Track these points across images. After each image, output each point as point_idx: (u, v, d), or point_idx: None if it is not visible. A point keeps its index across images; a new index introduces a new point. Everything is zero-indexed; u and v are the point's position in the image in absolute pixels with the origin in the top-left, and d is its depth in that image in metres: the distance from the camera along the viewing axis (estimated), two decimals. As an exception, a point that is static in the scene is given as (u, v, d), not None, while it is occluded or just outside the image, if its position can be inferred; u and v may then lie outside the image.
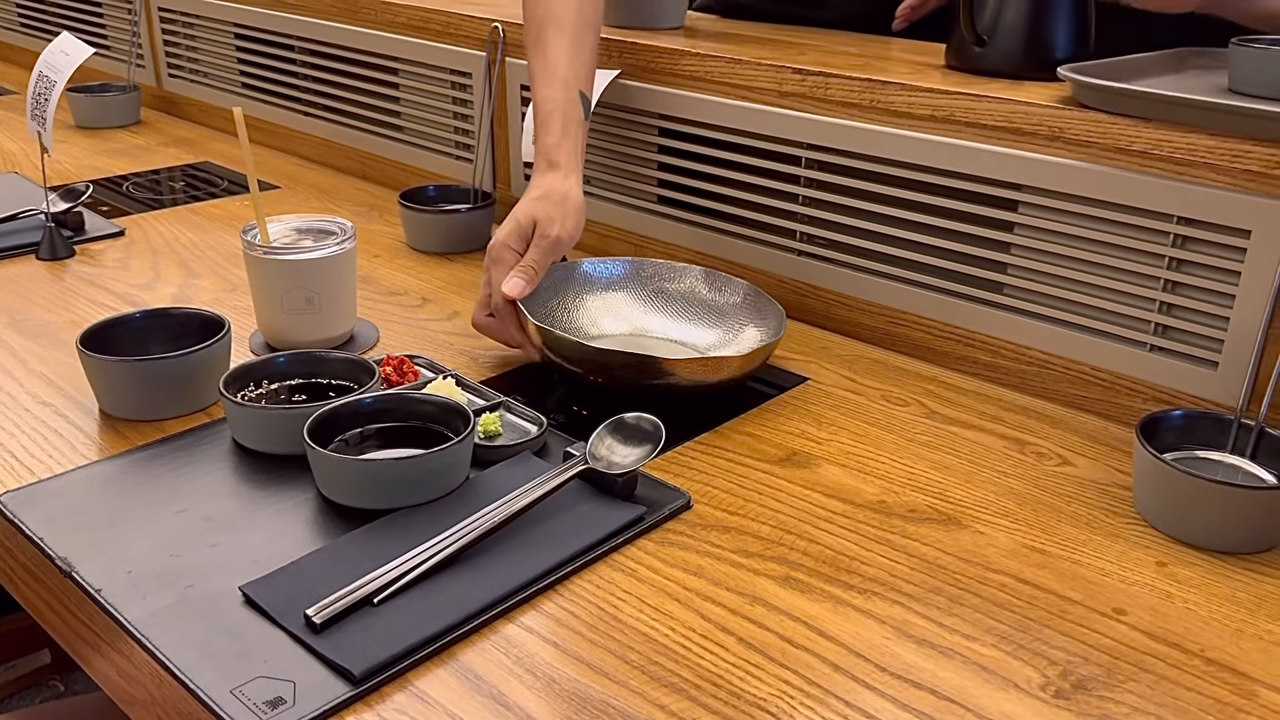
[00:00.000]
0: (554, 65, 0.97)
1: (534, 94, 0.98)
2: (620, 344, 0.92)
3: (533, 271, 0.88)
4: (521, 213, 0.90)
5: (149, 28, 1.76)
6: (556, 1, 0.99)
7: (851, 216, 0.98)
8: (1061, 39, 0.94)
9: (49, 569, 0.65)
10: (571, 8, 0.98)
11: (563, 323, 0.94)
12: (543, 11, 0.99)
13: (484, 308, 0.90)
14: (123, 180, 1.41)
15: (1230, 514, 0.69)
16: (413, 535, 0.65)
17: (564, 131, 0.95)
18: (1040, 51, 0.94)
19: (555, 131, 0.95)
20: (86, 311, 0.99)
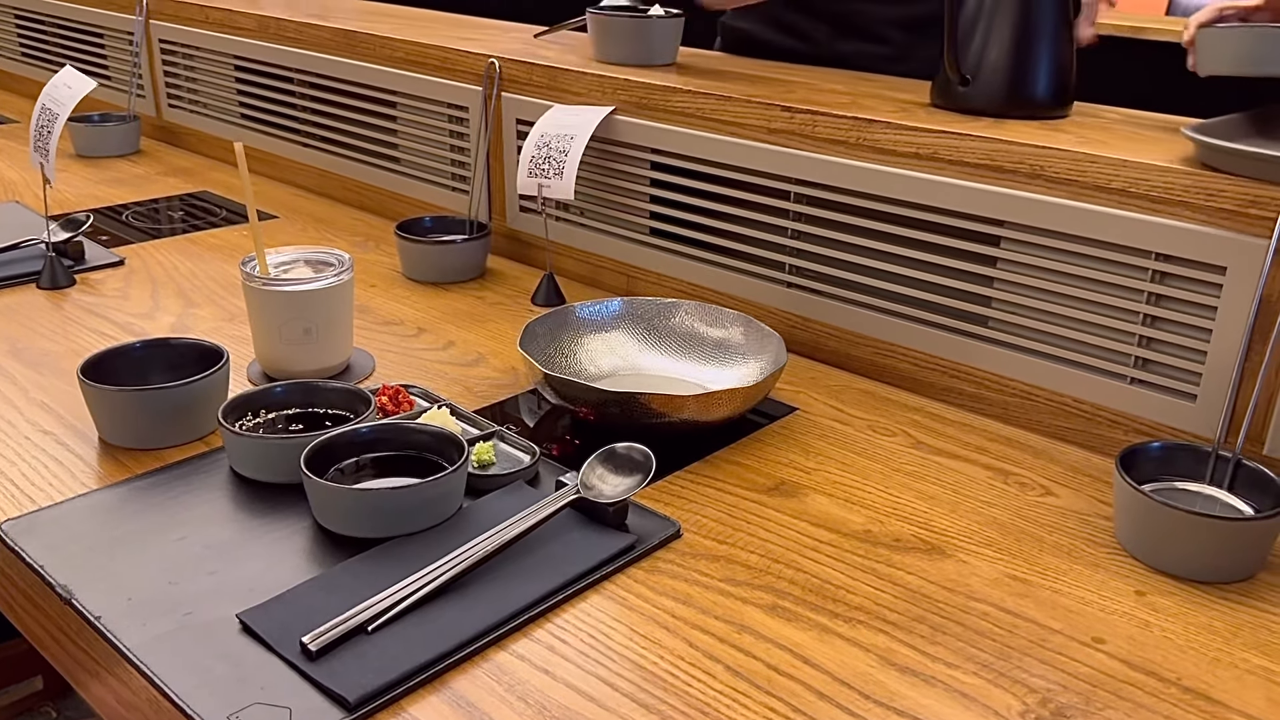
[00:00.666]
0: None
1: None
2: (623, 384, 0.92)
3: None
4: None
5: (150, 59, 1.79)
6: None
7: (840, 250, 1.00)
8: (1043, 79, 0.97)
9: (49, 596, 0.66)
10: None
11: (562, 366, 0.94)
12: None
13: None
14: (122, 209, 1.43)
15: (1207, 544, 0.70)
16: (407, 563, 0.66)
17: None
18: (1022, 91, 0.96)
19: None
20: (86, 340, 1.01)
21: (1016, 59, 0.96)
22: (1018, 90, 0.96)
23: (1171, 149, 0.85)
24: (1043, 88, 0.96)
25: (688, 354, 0.98)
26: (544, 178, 1.10)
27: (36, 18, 2.04)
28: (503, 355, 1.02)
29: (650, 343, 0.99)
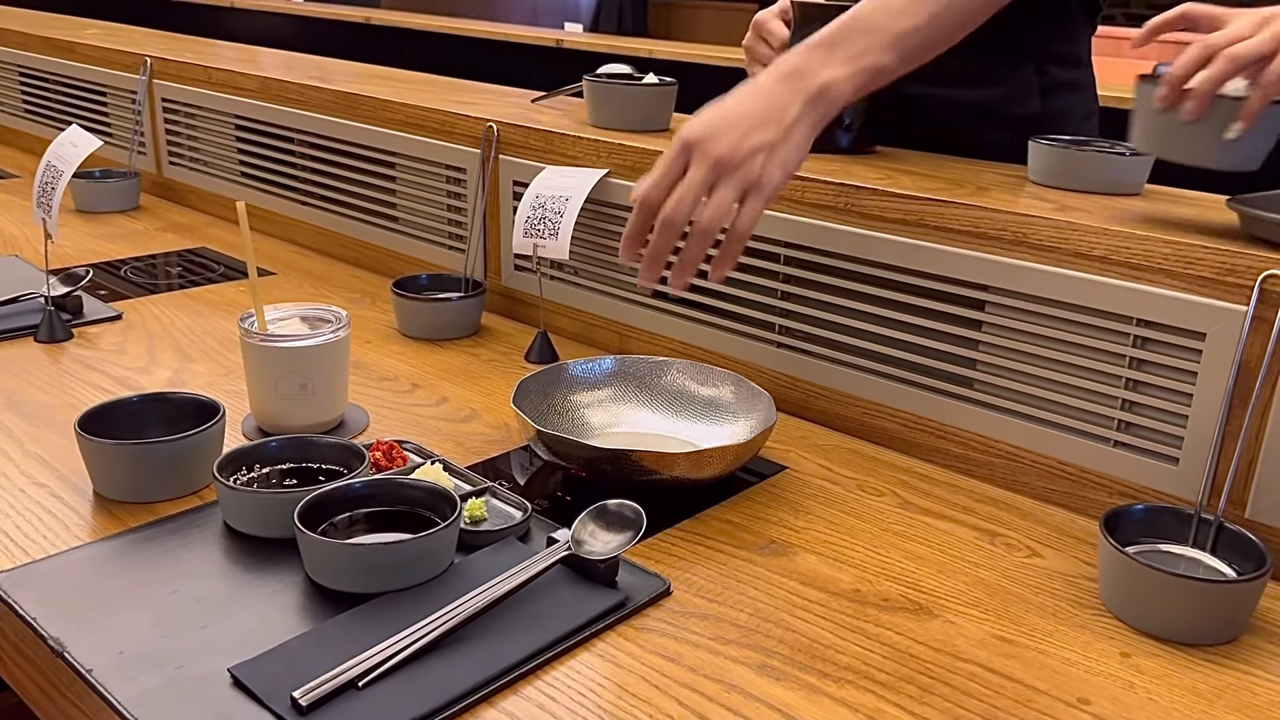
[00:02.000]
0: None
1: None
2: (615, 441, 0.93)
3: None
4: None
5: (152, 117, 1.82)
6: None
7: (829, 312, 1.02)
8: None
9: (40, 649, 0.66)
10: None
11: (554, 423, 0.95)
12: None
13: None
14: (121, 264, 1.45)
15: (1191, 606, 0.71)
16: (398, 619, 0.66)
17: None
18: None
19: None
20: (82, 394, 1.02)
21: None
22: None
23: (1153, 221, 0.88)
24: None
25: (679, 412, 0.99)
26: (539, 238, 1.12)
27: (41, 75, 2.07)
28: (496, 411, 1.03)
29: (642, 401, 1.00)
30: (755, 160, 0.78)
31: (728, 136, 0.78)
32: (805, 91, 0.80)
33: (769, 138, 0.78)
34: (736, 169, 0.78)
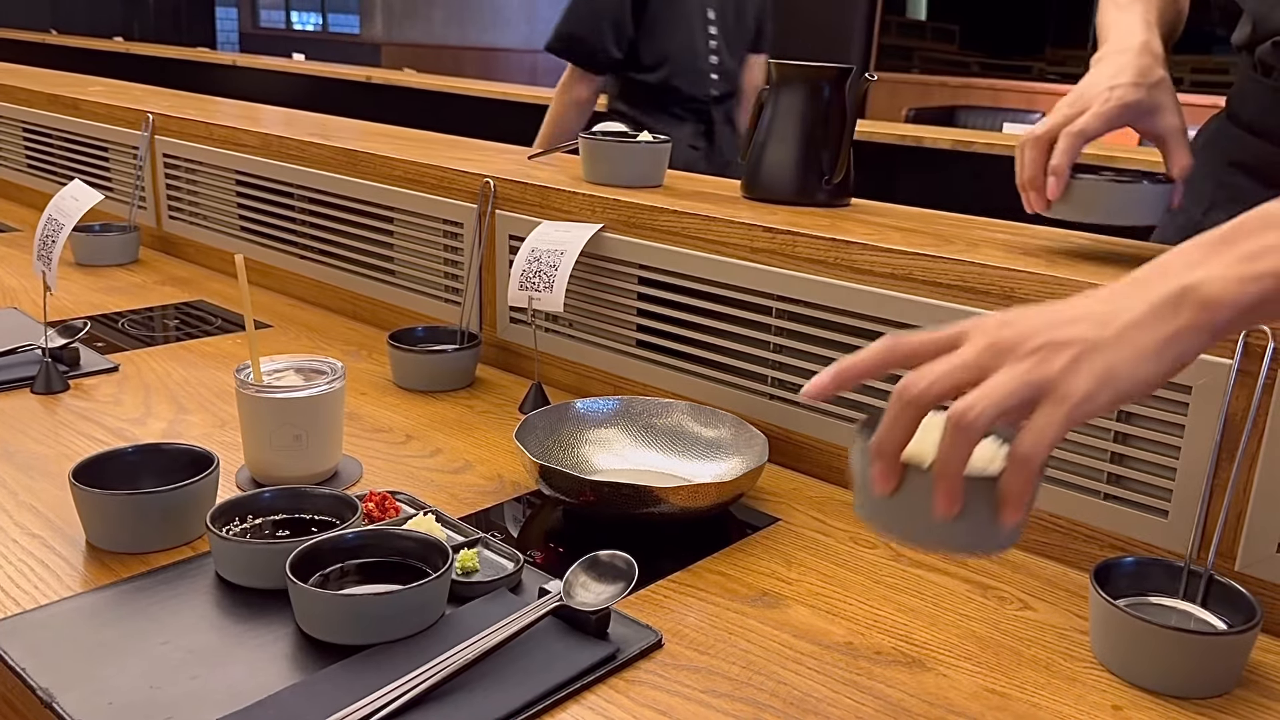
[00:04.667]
0: None
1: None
2: (615, 478, 0.95)
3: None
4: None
5: (153, 172, 1.84)
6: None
7: (821, 364, 1.03)
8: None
9: (29, 700, 0.66)
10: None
11: (558, 459, 0.98)
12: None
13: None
14: (119, 317, 1.46)
15: (1182, 659, 0.71)
16: (389, 671, 0.66)
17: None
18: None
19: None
20: (78, 445, 1.02)
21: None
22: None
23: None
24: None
25: (681, 452, 1.02)
26: (535, 291, 1.13)
27: (44, 131, 2.10)
28: (489, 463, 1.03)
29: (645, 440, 1.03)
30: (1056, 357, 0.54)
31: (1026, 324, 0.55)
32: (1160, 290, 0.54)
33: (1084, 333, 0.54)
34: (1023, 358, 0.54)
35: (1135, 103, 0.91)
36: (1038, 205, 0.92)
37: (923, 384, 0.55)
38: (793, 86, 1.17)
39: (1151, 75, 0.92)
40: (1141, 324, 0.54)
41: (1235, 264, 0.54)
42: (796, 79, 1.17)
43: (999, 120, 4.63)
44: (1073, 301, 0.57)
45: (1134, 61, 0.93)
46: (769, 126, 1.19)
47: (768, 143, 1.19)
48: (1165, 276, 0.55)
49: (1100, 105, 0.90)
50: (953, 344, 0.57)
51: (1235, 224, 0.56)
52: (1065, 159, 0.89)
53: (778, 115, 1.18)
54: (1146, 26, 0.97)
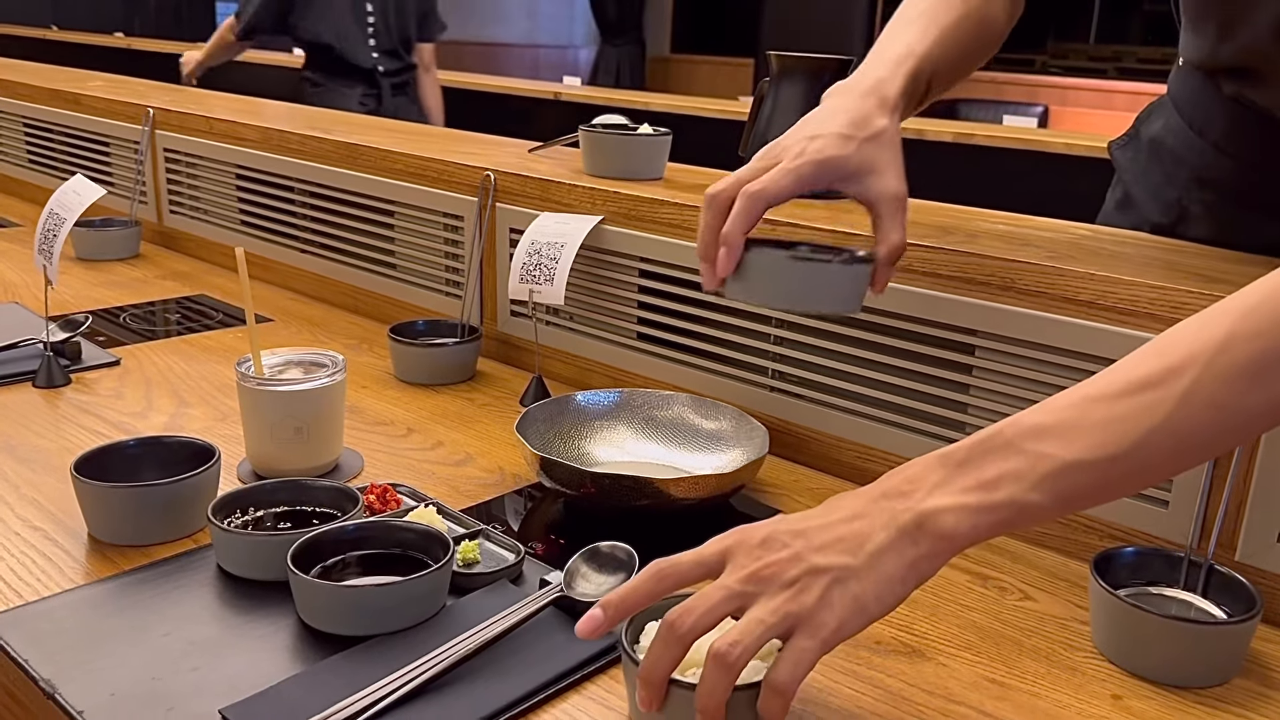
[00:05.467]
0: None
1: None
2: (615, 470, 0.96)
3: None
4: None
5: (154, 167, 1.84)
6: None
7: (821, 356, 1.03)
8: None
9: (31, 691, 0.66)
10: None
11: (559, 452, 0.98)
12: None
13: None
14: (120, 311, 1.46)
15: (1182, 648, 0.71)
16: (390, 661, 0.66)
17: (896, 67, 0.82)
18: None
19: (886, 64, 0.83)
20: (79, 438, 1.02)
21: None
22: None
23: (1138, 265, 0.89)
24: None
25: (681, 444, 1.02)
26: (535, 283, 1.13)
27: (45, 126, 2.10)
28: (490, 455, 1.03)
29: (646, 432, 1.03)
30: (811, 587, 0.56)
31: (785, 549, 0.58)
32: (904, 517, 0.57)
33: (836, 561, 0.57)
34: (780, 589, 0.57)
35: (838, 160, 0.76)
36: (707, 282, 0.77)
37: (690, 620, 0.57)
38: (793, 78, 1.17)
39: (868, 126, 0.77)
40: (886, 551, 0.57)
41: (973, 491, 0.57)
42: (797, 70, 1.16)
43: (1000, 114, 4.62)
44: (829, 516, 0.59)
45: (852, 106, 0.79)
46: (769, 118, 1.18)
47: (768, 134, 1.18)
48: (909, 497, 0.58)
49: (793, 160, 0.76)
50: (717, 568, 0.59)
51: (978, 442, 0.58)
52: (738, 226, 0.74)
53: (778, 107, 1.18)
54: (898, 60, 0.83)
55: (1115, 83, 5.66)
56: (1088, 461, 0.56)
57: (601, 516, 0.90)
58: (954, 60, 0.88)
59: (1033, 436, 0.57)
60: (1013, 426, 0.58)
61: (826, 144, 0.76)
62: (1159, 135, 1.06)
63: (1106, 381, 0.58)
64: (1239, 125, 0.96)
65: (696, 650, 0.62)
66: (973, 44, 0.91)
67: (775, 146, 0.78)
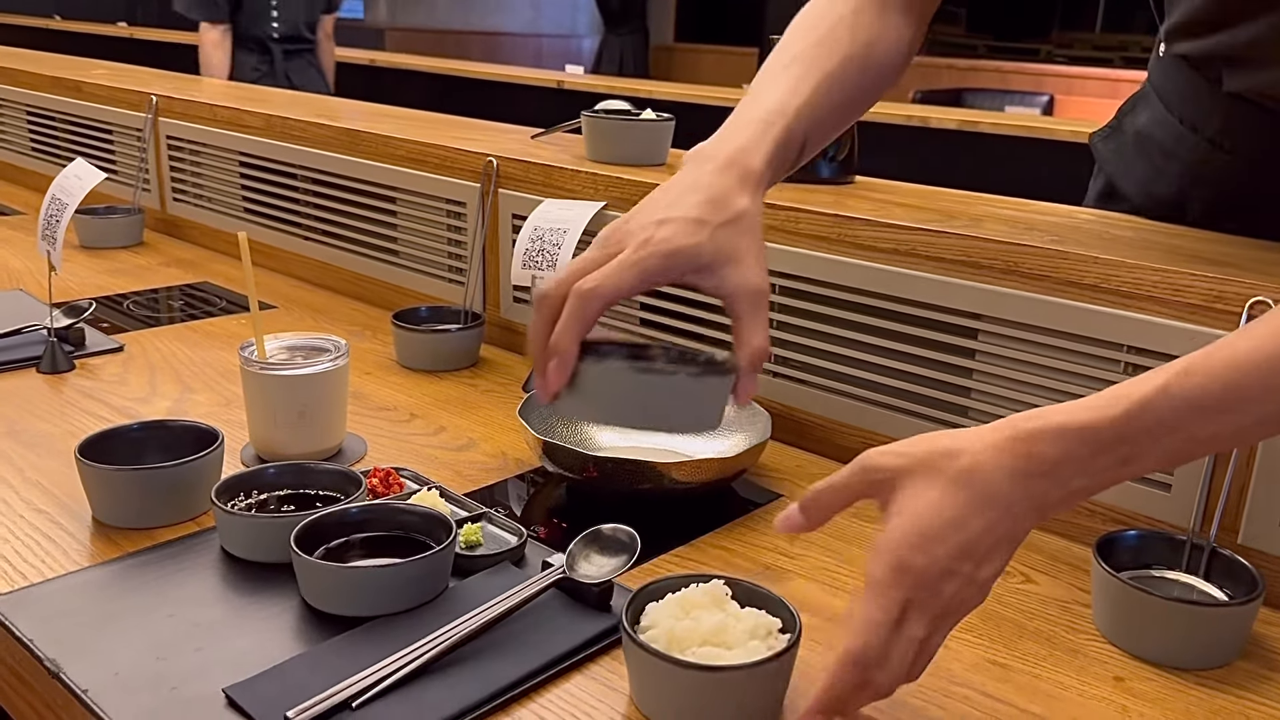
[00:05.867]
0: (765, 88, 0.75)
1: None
2: (618, 455, 0.96)
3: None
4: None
5: (157, 154, 1.84)
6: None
7: (823, 341, 1.03)
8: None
9: (37, 671, 0.66)
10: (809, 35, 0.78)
11: (561, 436, 0.98)
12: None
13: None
14: (123, 298, 1.46)
15: (1184, 631, 0.71)
16: (393, 641, 0.67)
17: (760, 138, 0.70)
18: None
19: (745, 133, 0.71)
20: (83, 423, 1.02)
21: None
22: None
23: (1141, 249, 0.89)
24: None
25: None
26: (538, 269, 1.13)
27: (48, 114, 2.10)
28: (493, 440, 1.03)
29: None
30: (974, 596, 0.59)
31: (959, 575, 0.58)
32: (1048, 502, 0.58)
33: (999, 566, 0.59)
34: (952, 615, 0.59)
35: (689, 250, 0.64)
36: (540, 395, 0.65)
37: (888, 679, 0.58)
38: (601, 138, 1.15)
39: (725, 208, 0.66)
40: (1027, 533, 0.59)
41: (1119, 469, 0.58)
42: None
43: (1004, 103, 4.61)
44: (984, 516, 0.57)
45: (708, 183, 0.67)
46: None
47: None
48: (1056, 481, 0.57)
49: (636, 250, 0.64)
50: (901, 621, 0.58)
51: (1128, 416, 0.56)
52: (569, 332, 0.62)
53: None
54: (766, 122, 0.71)
55: (1121, 71, 5.64)
56: (1242, 440, 0.59)
57: (604, 501, 0.90)
58: (836, 111, 0.77)
59: (1193, 418, 0.56)
60: (1165, 399, 0.56)
61: (676, 231, 0.64)
62: (1145, 128, 1.04)
63: (1254, 345, 0.56)
64: (1238, 120, 0.94)
65: (696, 629, 0.62)
66: (857, 91, 0.79)
67: (619, 230, 0.66)
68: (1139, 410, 0.56)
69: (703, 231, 0.65)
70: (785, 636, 0.65)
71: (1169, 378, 0.57)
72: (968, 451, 0.58)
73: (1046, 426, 0.58)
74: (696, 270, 0.65)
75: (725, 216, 0.66)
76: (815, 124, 0.74)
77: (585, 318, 0.62)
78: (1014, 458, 0.57)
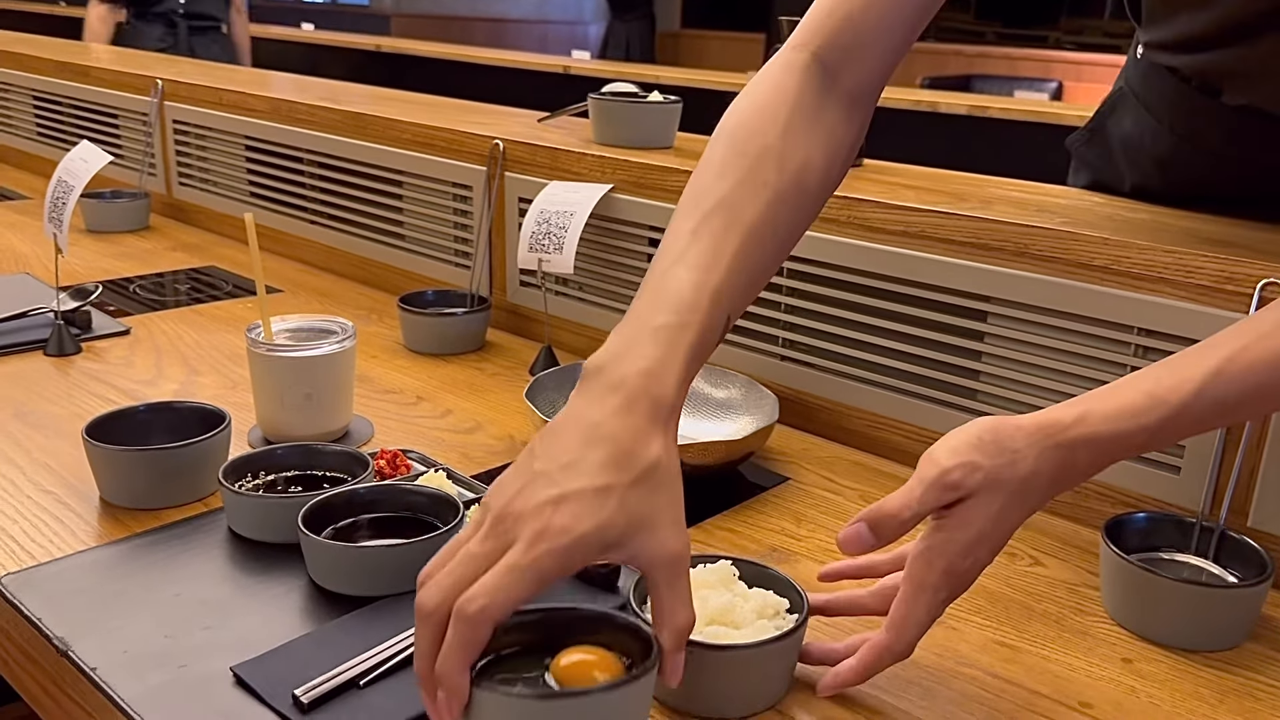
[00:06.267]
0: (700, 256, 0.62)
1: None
2: None
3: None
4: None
5: (162, 138, 1.84)
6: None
7: (832, 324, 1.02)
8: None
9: (45, 649, 0.66)
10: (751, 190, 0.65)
11: None
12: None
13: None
14: (130, 282, 1.46)
15: (1193, 612, 0.71)
16: (400, 620, 0.67)
17: (673, 345, 0.59)
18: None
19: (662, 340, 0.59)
20: (90, 405, 1.02)
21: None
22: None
23: (1153, 231, 0.88)
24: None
25: (692, 413, 1.01)
26: (544, 252, 1.13)
27: (53, 98, 2.10)
28: (500, 423, 1.03)
29: None
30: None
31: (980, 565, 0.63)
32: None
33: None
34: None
35: (594, 532, 0.52)
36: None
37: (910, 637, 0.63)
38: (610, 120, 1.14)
39: (634, 463, 0.55)
40: None
41: None
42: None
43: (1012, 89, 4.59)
44: (1011, 530, 0.63)
45: (613, 433, 0.55)
46: None
47: None
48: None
49: (529, 549, 0.52)
50: None
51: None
52: (453, 663, 0.51)
53: None
54: (679, 324, 0.59)
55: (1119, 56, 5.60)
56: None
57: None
58: (762, 272, 0.66)
59: (1217, 415, 0.62)
60: (1197, 402, 0.61)
61: (577, 513, 0.52)
62: (1131, 135, 1.03)
63: None
64: (1242, 132, 0.92)
65: (703, 609, 0.62)
66: (786, 233, 0.67)
67: (505, 512, 0.53)
68: (1175, 415, 0.60)
69: (609, 502, 0.53)
70: (793, 617, 0.65)
71: (1204, 378, 0.60)
72: (1023, 459, 0.61)
73: (1090, 435, 0.61)
74: (604, 550, 0.53)
75: (634, 474, 0.54)
76: (736, 298, 0.63)
77: (474, 642, 0.51)
78: (1055, 467, 0.61)
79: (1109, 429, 0.60)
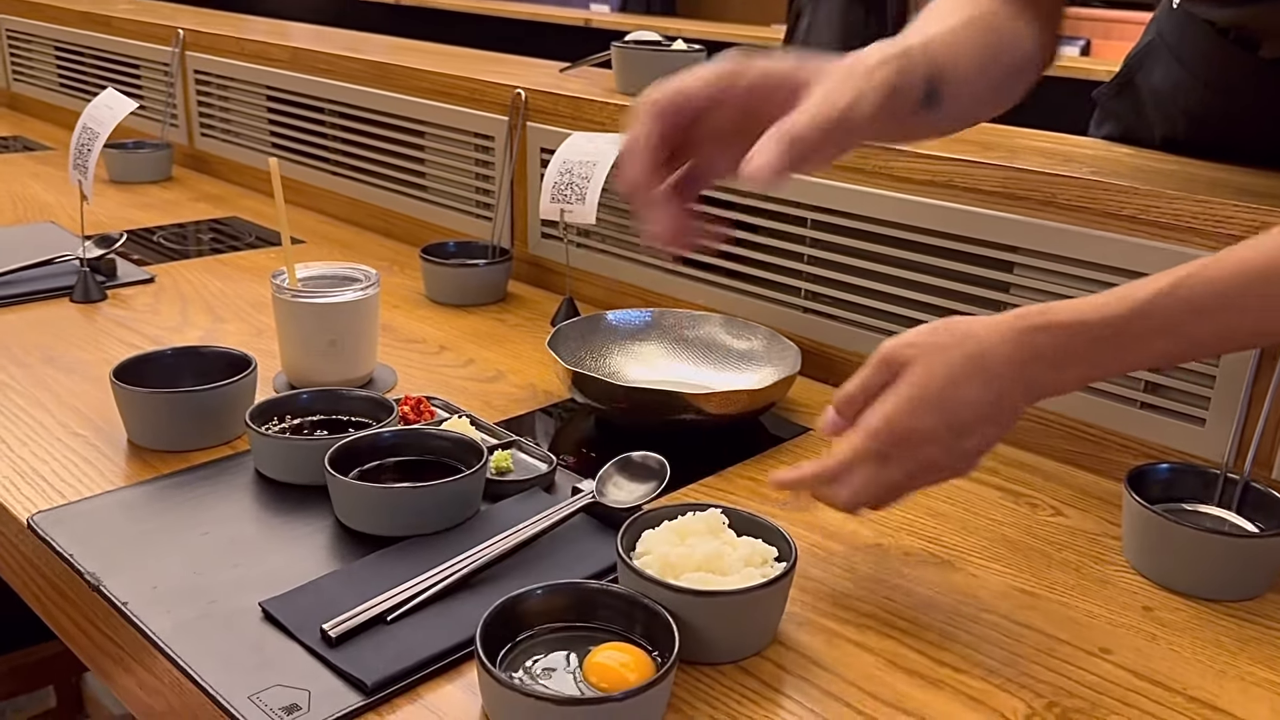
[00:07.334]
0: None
1: None
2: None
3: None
4: None
5: (184, 89, 1.84)
6: None
7: (854, 275, 1.02)
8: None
9: (77, 585, 0.68)
10: None
11: (590, 368, 0.99)
12: None
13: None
14: (153, 231, 1.47)
15: (1215, 561, 0.71)
16: (426, 560, 0.67)
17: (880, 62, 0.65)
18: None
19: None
20: (117, 350, 1.03)
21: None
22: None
23: (1182, 181, 0.87)
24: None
25: (713, 363, 1.02)
26: (566, 203, 1.13)
27: (75, 49, 2.10)
28: (522, 373, 1.04)
29: (677, 352, 1.03)
30: (950, 464, 0.65)
31: (936, 442, 0.63)
32: (1042, 390, 0.64)
33: (988, 441, 0.65)
34: (929, 474, 0.65)
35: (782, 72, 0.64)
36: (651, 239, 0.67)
37: (850, 494, 0.66)
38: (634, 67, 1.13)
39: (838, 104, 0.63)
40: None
41: (1117, 367, 0.66)
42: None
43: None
44: (983, 394, 0.62)
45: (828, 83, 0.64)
46: (806, 35, 1.16)
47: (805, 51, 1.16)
48: (1059, 371, 0.63)
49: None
50: (881, 464, 0.64)
51: (1132, 316, 0.61)
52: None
53: (815, 24, 1.16)
54: (882, 60, 0.65)
55: (1129, 12, 5.50)
56: (1240, 346, 0.66)
57: (632, 432, 0.90)
58: (965, 61, 0.71)
59: (1191, 320, 0.61)
60: (1167, 300, 0.60)
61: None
62: (1161, 87, 1.01)
63: (1255, 255, 0.60)
64: (1277, 88, 0.91)
65: (690, 556, 0.62)
66: (986, 52, 0.74)
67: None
68: (1142, 309, 0.61)
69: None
70: (781, 565, 0.65)
71: (1173, 280, 0.61)
72: (977, 336, 0.63)
73: (1051, 321, 0.62)
74: (794, 88, 0.63)
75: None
76: (942, 68, 0.68)
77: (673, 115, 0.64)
78: (1017, 347, 0.62)
79: (1070, 316, 0.62)
